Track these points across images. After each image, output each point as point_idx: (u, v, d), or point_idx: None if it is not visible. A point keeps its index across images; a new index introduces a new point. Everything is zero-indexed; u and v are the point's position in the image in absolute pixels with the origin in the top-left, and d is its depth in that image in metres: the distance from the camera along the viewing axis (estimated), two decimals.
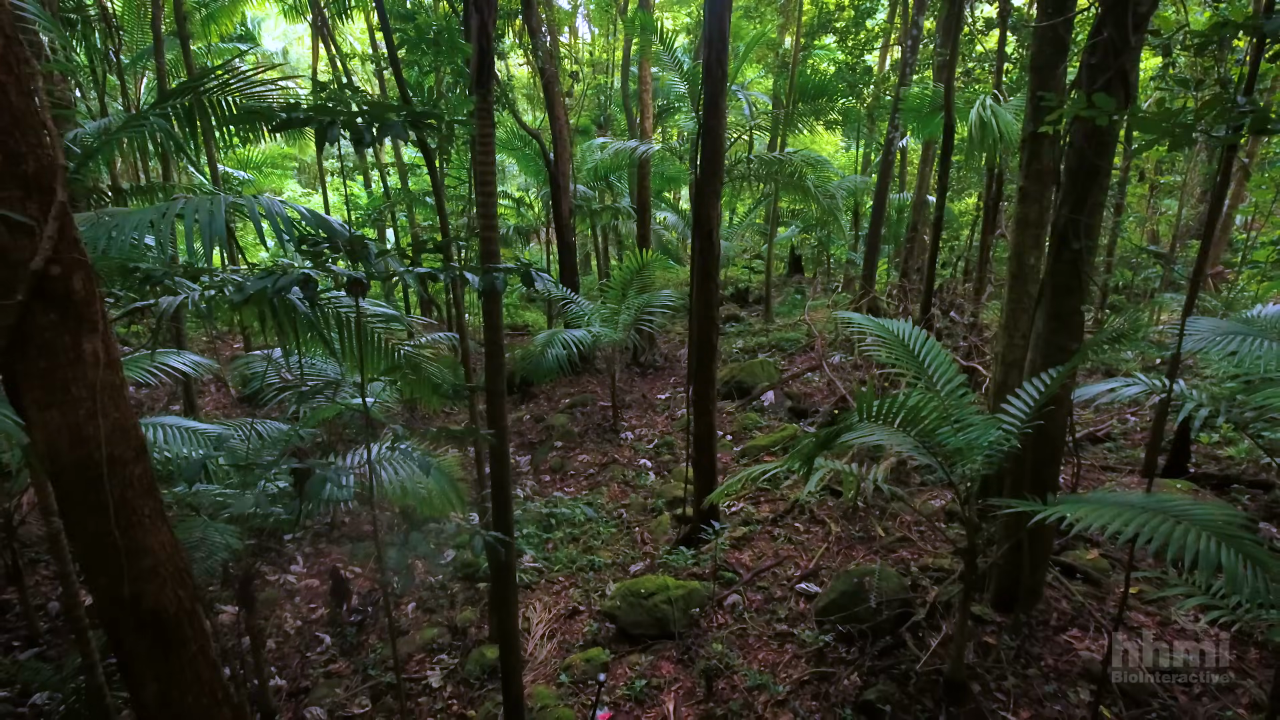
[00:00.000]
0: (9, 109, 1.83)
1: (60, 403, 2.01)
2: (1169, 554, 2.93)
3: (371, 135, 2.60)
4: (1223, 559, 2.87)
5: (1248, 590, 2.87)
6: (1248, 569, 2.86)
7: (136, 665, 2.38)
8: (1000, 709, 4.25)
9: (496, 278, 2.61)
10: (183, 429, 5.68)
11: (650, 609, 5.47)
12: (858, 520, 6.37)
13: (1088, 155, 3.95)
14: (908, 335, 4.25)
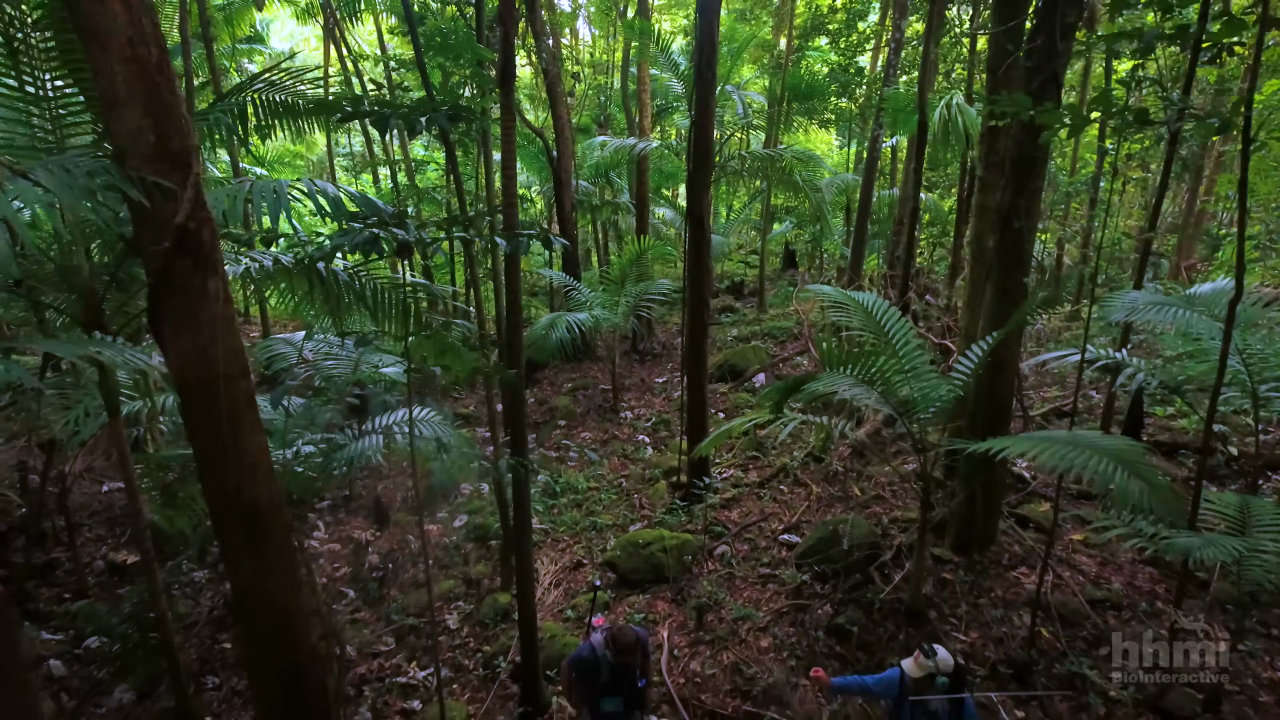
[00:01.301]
0: (161, 103, 2.43)
1: (191, 329, 2.61)
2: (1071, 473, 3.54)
3: (421, 125, 3.20)
4: (1117, 478, 3.48)
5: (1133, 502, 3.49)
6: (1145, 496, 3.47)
7: (235, 547, 2.97)
8: (953, 630, 4.86)
9: (520, 242, 3.21)
10: None
11: (647, 557, 6.08)
12: (837, 482, 6.98)
13: (1025, 146, 4.56)
14: (871, 305, 4.86)
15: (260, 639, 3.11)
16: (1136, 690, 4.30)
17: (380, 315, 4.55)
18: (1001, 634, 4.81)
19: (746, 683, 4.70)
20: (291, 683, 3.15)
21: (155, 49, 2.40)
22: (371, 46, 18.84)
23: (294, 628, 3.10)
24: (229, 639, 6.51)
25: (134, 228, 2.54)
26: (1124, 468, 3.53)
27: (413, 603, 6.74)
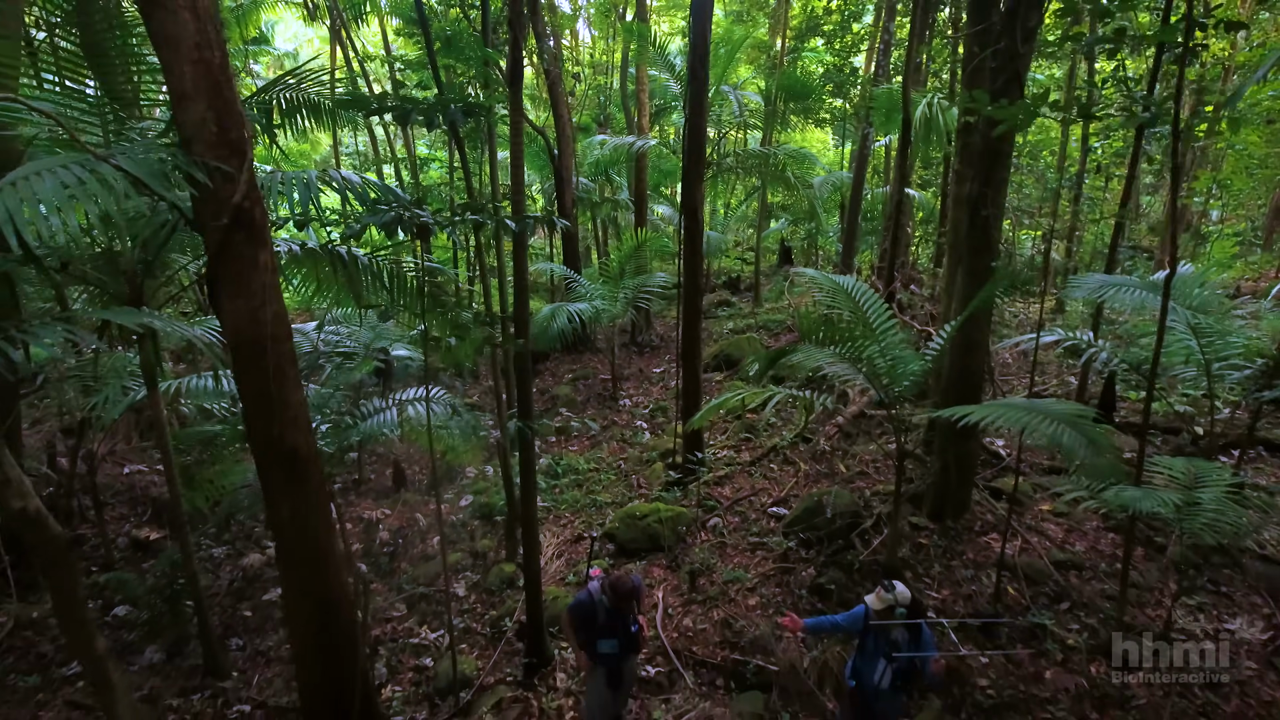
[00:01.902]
0: (222, 98, 2.83)
1: (244, 295, 3.00)
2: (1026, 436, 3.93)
3: (438, 119, 3.59)
4: (1065, 437, 3.87)
5: (1079, 459, 3.88)
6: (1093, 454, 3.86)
7: (275, 491, 3.37)
8: (926, 588, 5.25)
9: (527, 224, 3.60)
10: None
11: (644, 528, 6.47)
12: (824, 460, 7.37)
13: (990, 140, 4.95)
14: (850, 286, 5.25)
15: (297, 574, 3.51)
16: (1090, 637, 4.69)
17: (397, 294, 4.95)
18: (971, 591, 5.20)
19: (734, 635, 5.10)
20: (325, 614, 3.55)
21: (218, 52, 2.79)
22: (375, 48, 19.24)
23: (327, 564, 3.50)
24: (249, 607, 6.90)
25: (195, 206, 2.93)
26: (1071, 428, 3.92)
27: (422, 574, 7.13)
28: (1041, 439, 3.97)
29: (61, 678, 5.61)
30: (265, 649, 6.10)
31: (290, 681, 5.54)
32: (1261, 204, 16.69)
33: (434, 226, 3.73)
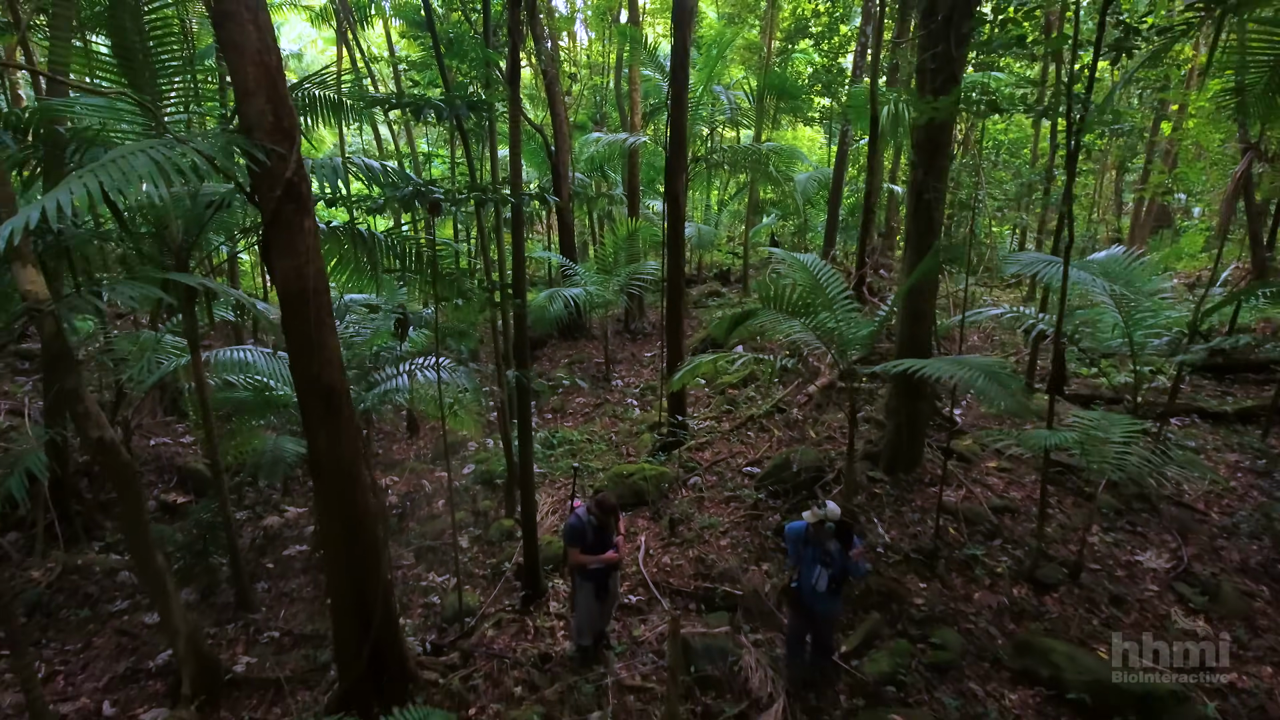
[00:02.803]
0: (278, 93, 3.50)
1: (292, 254, 3.68)
2: (949, 381, 4.61)
3: (447, 113, 4.26)
4: (980, 382, 4.56)
5: (995, 404, 4.56)
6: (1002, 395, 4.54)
7: (314, 420, 4.03)
8: (878, 528, 5.93)
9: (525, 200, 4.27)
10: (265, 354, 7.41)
11: (631, 485, 7.15)
12: (796, 428, 8.05)
13: (931, 133, 5.63)
14: (810, 262, 5.93)
15: (330, 493, 4.18)
16: (1014, 565, 5.38)
17: (408, 265, 5.64)
18: (916, 531, 5.89)
19: (707, 569, 5.78)
20: (353, 527, 4.23)
21: (274, 56, 3.47)
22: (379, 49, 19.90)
23: (356, 484, 4.17)
24: (270, 560, 7.57)
25: (254, 181, 3.61)
26: (987, 376, 4.60)
27: (429, 530, 7.82)
28: (965, 386, 4.65)
29: (108, 612, 6.28)
30: (288, 590, 6.78)
31: (312, 614, 6.23)
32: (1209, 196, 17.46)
33: (444, 203, 4.41)
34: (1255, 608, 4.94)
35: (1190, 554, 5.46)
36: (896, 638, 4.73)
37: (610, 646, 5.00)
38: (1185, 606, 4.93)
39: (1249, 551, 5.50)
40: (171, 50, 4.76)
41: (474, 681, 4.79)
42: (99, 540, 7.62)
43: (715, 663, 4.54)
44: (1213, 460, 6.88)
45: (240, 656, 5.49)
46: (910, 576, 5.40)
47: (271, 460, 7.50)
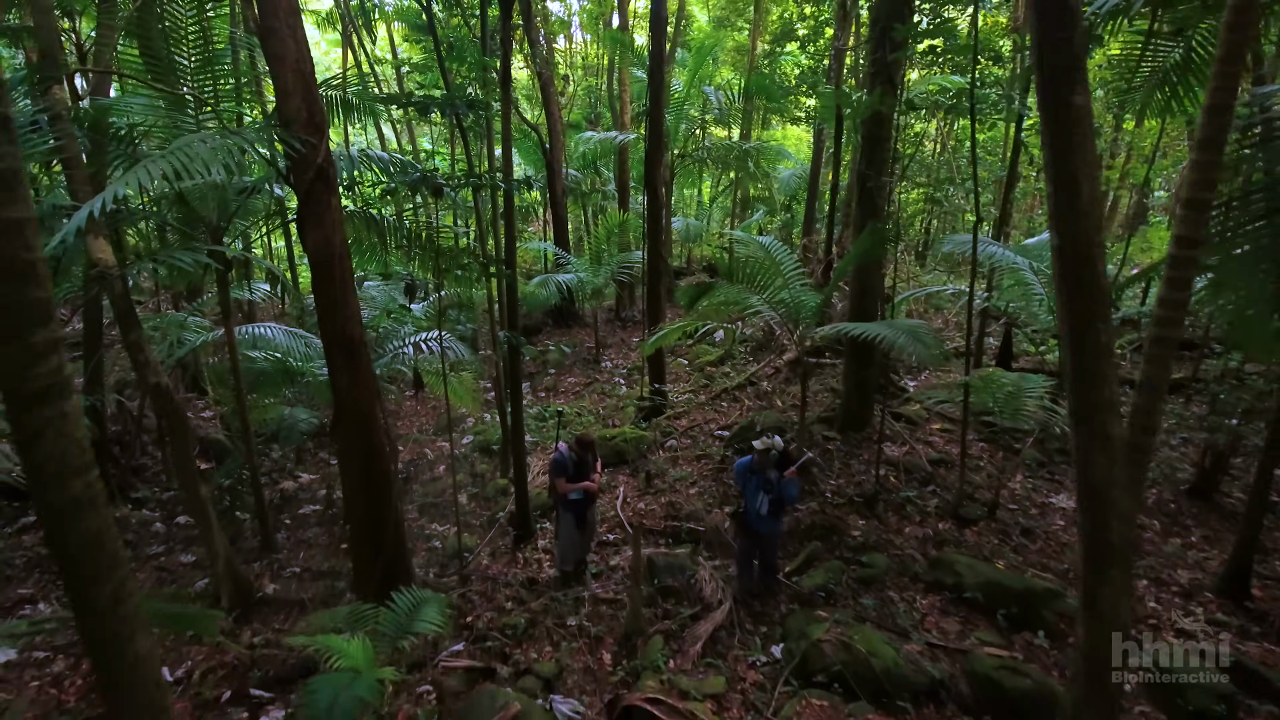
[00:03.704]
0: (311, 94, 4.29)
1: (321, 226, 4.47)
2: (874, 339, 5.41)
3: (449, 111, 5.05)
4: (900, 340, 5.35)
5: (912, 355, 5.36)
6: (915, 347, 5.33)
7: (338, 368, 4.83)
8: (828, 477, 6.72)
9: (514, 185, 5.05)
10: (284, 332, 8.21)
11: (613, 446, 7.94)
12: (765, 398, 8.85)
13: (871, 128, 6.43)
14: (769, 244, 6.72)
15: (350, 431, 4.98)
16: (941, 505, 6.18)
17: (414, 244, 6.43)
18: (860, 480, 6.68)
19: (676, 512, 6.57)
20: (368, 461, 5.02)
21: (308, 64, 4.27)
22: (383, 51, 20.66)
23: (372, 424, 4.97)
24: (288, 518, 8.35)
25: (291, 166, 4.40)
26: (909, 335, 5.40)
27: (431, 490, 8.62)
28: (890, 343, 5.45)
29: (147, 554, 7.07)
30: (305, 538, 7.56)
31: (328, 555, 7.02)
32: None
33: (445, 187, 5.20)
34: (1144, 537, 5.75)
35: None
36: (833, 560, 5.52)
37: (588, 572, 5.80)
38: None
39: (1148, 495, 6.30)
40: (210, 55, 5.55)
41: (471, 597, 5.58)
42: (133, 498, 8.40)
43: (675, 577, 5.33)
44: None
45: (267, 584, 6.28)
46: (852, 516, 6.19)
47: (288, 428, 8.31)
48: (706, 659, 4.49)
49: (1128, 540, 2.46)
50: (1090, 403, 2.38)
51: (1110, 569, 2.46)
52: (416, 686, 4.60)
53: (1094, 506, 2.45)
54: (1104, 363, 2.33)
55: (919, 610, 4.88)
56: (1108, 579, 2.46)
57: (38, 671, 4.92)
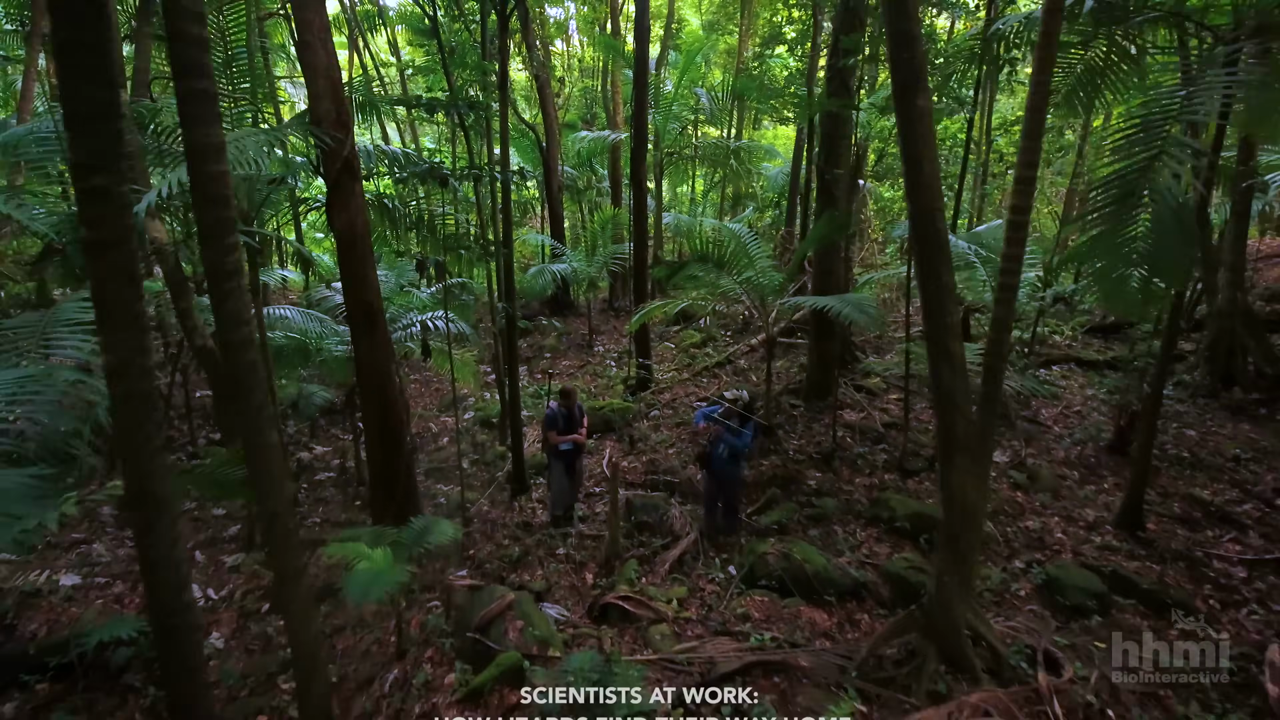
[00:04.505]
0: (339, 96, 5.10)
1: (346, 210, 5.28)
2: (824, 309, 6.21)
3: (453, 110, 5.86)
4: (846, 310, 6.15)
5: (857, 322, 6.15)
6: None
7: (359, 332, 5.64)
8: (791, 437, 7.53)
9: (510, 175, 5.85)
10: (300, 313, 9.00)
11: (601, 416, 8.75)
12: (743, 375, 9.66)
13: (830, 128, 7.24)
14: (739, 230, 7.52)
15: (368, 387, 5.79)
16: (888, 460, 6.98)
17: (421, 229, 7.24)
18: (820, 440, 7.49)
19: (655, 468, 7.38)
20: (385, 412, 5.84)
21: (336, 71, 5.08)
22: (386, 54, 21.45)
23: (388, 380, 5.79)
24: (305, 483, 9.15)
25: (321, 158, 5.21)
26: (854, 306, 6.21)
27: (435, 459, 9.42)
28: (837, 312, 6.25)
29: (180, 510, 7.87)
30: (323, 498, 8.37)
31: (344, 510, 7.82)
32: None
33: (450, 177, 6.01)
34: (1063, 484, 6.55)
35: (1027, 452, 7.07)
36: (789, 503, 6.33)
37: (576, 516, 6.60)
38: (1011, 483, 6.54)
39: (1071, 451, 7.11)
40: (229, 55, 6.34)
41: (473, 535, 6.39)
42: None
43: (650, 514, 6.14)
44: (1075, 393, 8.50)
45: None
46: (810, 469, 7.00)
47: (306, 401, 9.12)
48: (673, 576, 5.30)
49: (969, 434, 3.26)
50: (937, 328, 3.18)
51: (956, 456, 3.26)
52: (427, 602, 5.40)
53: (943, 408, 3.25)
54: (946, 297, 3.14)
55: (858, 539, 5.68)
56: (954, 464, 3.27)
57: (101, 593, 5.72)
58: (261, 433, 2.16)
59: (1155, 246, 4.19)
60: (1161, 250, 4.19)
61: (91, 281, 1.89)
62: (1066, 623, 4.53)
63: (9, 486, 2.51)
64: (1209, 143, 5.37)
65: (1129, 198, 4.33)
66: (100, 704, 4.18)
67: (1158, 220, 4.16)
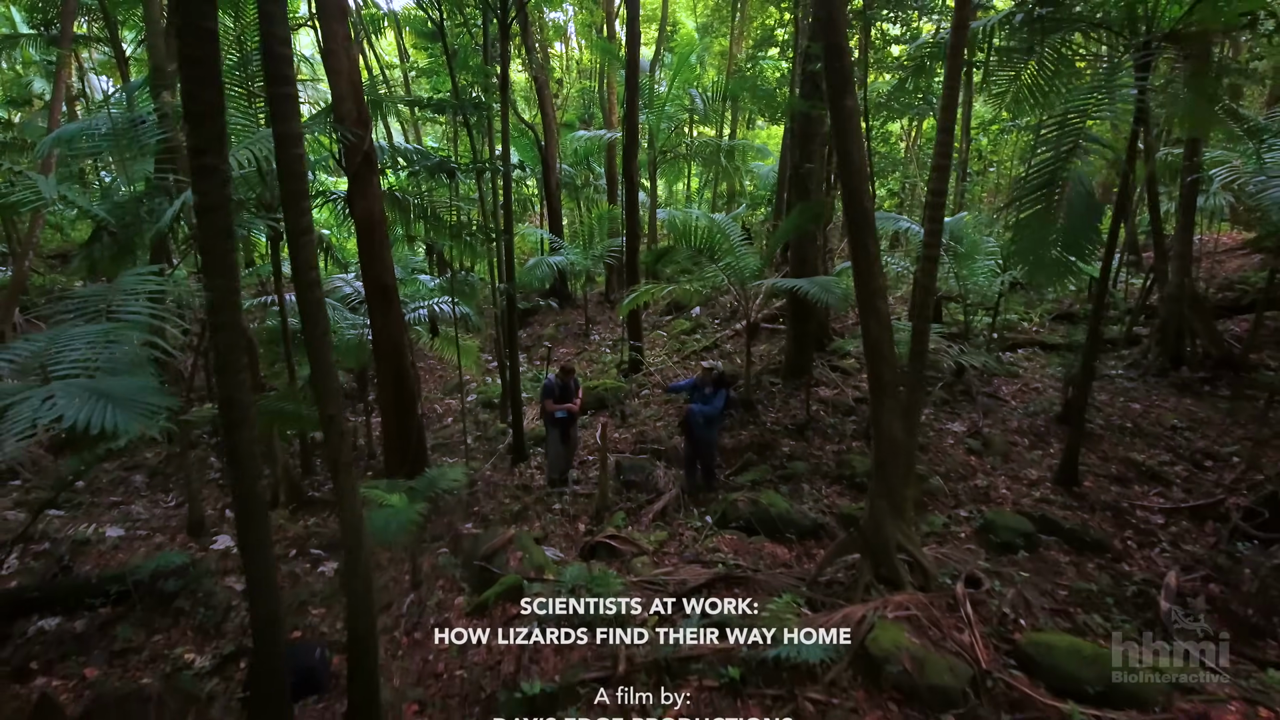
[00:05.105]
0: (360, 97, 5.76)
1: (365, 199, 5.93)
2: (794, 290, 6.86)
3: (459, 110, 6.51)
4: (814, 290, 6.80)
5: (822, 301, 6.81)
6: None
7: (375, 309, 6.29)
8: (770, 411, 8.19)
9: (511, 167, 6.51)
10: None
11: (596, 394, 9.41)
12: (728, 357, 10.31)
13: (804, 127, 7.89)
14: (720, 220, 8.17)
15: (384, 357, 6.45)
16: (857, 430, 7.64)
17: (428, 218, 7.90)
18: (795, 413, 8.14)
19: (643, 439, 8.04)
20: (398, 381, 6.49)
21: (358, 75, 5.74)
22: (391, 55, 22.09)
23: (401, 352, 6.45)
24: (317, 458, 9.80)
25: (344, 152, 5.86)
26: (821, 287, 6.85)
27: (441, 435, 10.07)
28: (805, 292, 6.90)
29: (208, 478, 8.51)
30: None
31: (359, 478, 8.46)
32: None
33: (457, 170, 6.67)
34: (1013, 450, 7.21)
35: (984, 423, 7.72)
36: (763, 465, 6.98)
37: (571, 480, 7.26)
38: (966, 449, 7.19)
39: (1024, 422, 7.76)
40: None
41: (477, 495, 7.05)
42: None
43: (637, 474, 6.80)
44: (1035, 373, 9.16)
45: (310, 492, 7.74)
46: (785, 439, 7.65)
47: (295, 421, 9.77)
48: (656, 524, 5.96)
49: (894, 379, 3.92)
50: (865, 290, 3.84)
51: (884, 398, 3.92)
52: (437, 549, 6.05)
53: (871, 357, 3.91)
54: (873, 264, 3.79)
55: (823, 494, 6.34)
56: (883, 404, 3.93)
57: (143, 543, 6.37)
58: (324, 353, 2.80)
59: (1069, 227, 4.85)
60: (1074, 230, 4.85)
61: (199, 235, 2.50)
62: (997, 557, 5.19)
63: (145, 384, 3.17)
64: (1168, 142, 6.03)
65: (1048, 185, 5.00)
66: (156, 622, 4.83)
67: (1070, 204, 4.82)
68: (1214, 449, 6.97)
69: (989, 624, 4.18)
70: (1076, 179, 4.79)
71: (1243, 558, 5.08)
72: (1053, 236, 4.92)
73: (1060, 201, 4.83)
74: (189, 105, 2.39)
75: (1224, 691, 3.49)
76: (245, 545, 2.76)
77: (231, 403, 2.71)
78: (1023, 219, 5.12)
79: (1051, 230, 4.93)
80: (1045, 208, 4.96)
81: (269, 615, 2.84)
